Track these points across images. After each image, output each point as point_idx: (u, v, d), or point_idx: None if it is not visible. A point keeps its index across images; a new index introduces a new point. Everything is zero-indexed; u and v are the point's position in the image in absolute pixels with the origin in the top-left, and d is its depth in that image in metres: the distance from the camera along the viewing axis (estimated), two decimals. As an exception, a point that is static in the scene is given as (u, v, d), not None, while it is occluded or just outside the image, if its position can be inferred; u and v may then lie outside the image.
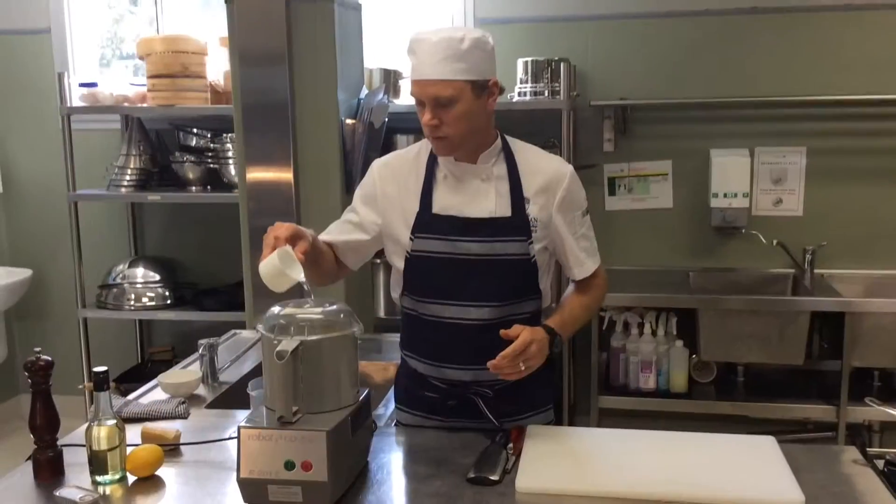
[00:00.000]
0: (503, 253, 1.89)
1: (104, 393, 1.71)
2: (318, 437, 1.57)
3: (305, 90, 3.12)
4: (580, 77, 3.82)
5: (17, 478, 1.76)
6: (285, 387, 1.59)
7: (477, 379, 1.95)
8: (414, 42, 1.83)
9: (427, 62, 1.80)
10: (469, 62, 1.80)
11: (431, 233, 1.92)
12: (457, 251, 1.90)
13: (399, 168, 2.00)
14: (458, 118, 1.82)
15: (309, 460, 1.56)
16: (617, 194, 3.90)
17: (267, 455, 1.58)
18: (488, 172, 1.92)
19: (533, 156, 1.98)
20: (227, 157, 3.81)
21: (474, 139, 1.89)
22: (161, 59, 3.73)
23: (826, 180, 3.76)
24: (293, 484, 1.57)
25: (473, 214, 1.90)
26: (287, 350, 1.58)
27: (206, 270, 4.22)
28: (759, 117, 3.78)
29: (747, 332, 3.36)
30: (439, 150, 1.90)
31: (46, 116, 4.24)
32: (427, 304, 1.95)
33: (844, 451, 1.87)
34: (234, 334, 2.97)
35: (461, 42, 1.78)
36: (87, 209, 4.12)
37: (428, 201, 1.93)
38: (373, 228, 2.00)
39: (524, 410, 2.01)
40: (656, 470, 1.72)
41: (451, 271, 1.90)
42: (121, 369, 4.09)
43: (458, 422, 1.99)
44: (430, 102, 1.81)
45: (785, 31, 3.70)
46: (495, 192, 1.91)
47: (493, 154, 1.94)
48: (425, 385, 2.02)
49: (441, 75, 1.79)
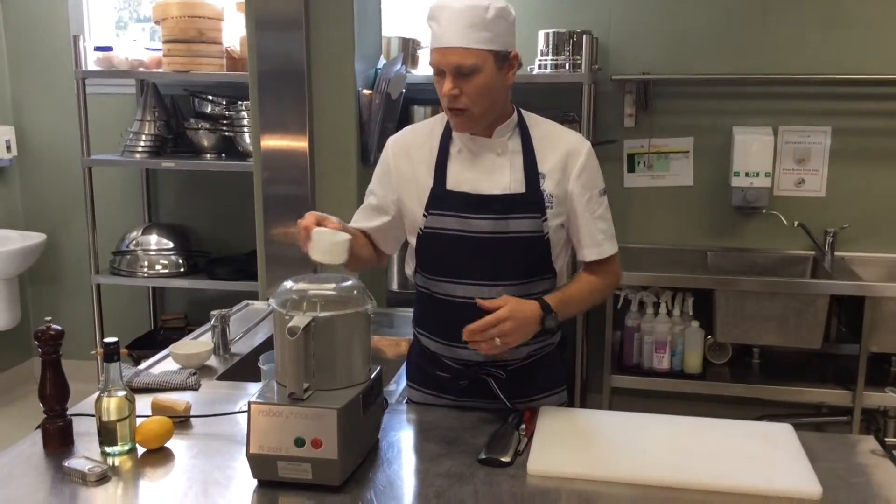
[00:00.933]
0: (517, 230, 1.85)
1: (115, 364, 1.70)
2: (328, 414, 1.55)
3: (322, 58, 3.08)
4: (602, 50, 3.74)
5: (26, 447, 1.75)
6: (297, 363, 1.57)
7: (489, 359, 1.92)
8: (436, 9, 1.77)
9: (450, 29, 1.74)
10: (493, 31, 1.75)
11: (445, 210, 1.88)
12: (470, 229, 1.86)
13: (413, 143, 1.96)
14: (479, 89, 1.77)
15: (319, 438, 1.54)
16: (636, 171, 3.84)
17: (277, 431, 1.56)
18: (503, 146, 1.88)
19: (550, 130, 1.92)
20: (242, 125, 3.78)
21: (493, 113, 1.84)
22: (177, 24, 3.69)
23: (850, 161, 3.69)
24: (303, 461, 1.55)
25: (487, 191, 1.86)
26: (299, 326, 1.55)
27: (220, 239, 4.21)
28: (784, 95, 3.70)
29: (764, 314, 3.32)
30: (457, 125, 1.85)
31: (61, 80, 4.21)
32: (440, 282, 1.91)
33: (862, 441, 1.84)
34: (247, 305, 2.96)
35: (486, 11, 1.73)
36: (102, 174, 4.11)
37: (442, 177, 1.89)
38: (392, 208, 1.97)
39: (536, 392, 1.99)
40: (670, 456, 1.70)
41: (464, 249, 1.86)
42: (133, 336, 4.10)
43: (469, 402, 1.97)
44: (452, 71, 1.76)
45: (813, 7, 3.61)
46: (510, 166, 1.87)
47: (509, 128, 1.89)
48: (437, 364, 1.99)
49: (465, 43, 1.74)
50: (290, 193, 3.12)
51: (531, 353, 1.96)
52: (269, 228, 3.18)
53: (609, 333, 3.50)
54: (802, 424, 3.21)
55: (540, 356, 1.99)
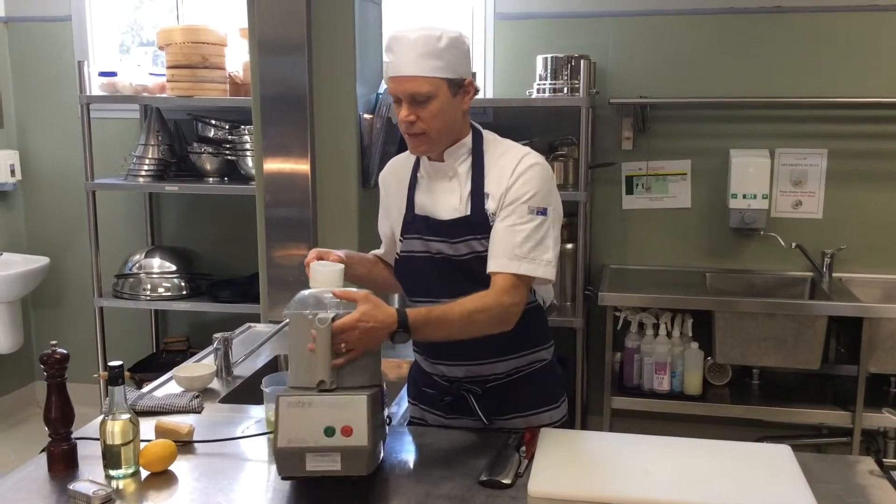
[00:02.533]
0: (468, 252, 1.88)
1: (119, 387, 1.71)
2: (359, 401, 1.60)
3: (324, 83, 3.12)
4: (600, 74, 3.79)
5: (31, 470, 1.77)
6: (325, 353, 1.61)
7: (469, 375, 1.98)
8: (392, 40, 1.83)
9: (405, 59, 1.80)
10: (445, 60, 1.80)
11: (414, 233, 1.95)
12: (431, 251, 1.92)
13: (396, 171, 2.06)
14: (434, 114, 1.82)
15: (349, 425, 1.58)
16: (634, 193, 3.88)
17: (306, 422, 1.59)
18: (454, 170, 1.92)
19: (504, 149, 1.92)
20: (245, 149, 3.81)
21: (449, 136, 1.89)
22: (181, 50, 3.73)
23: (847, 183, 3.72)
24: (333, 451, 1.58)
25: (442, 215, 1.92)
26: (328, 317, 1.61)
27: (222, 262, 4.23)
28: (781, 118, 3.74)
29: (763, 335, 3.34)
30: (415, 148, 1.90)
31: (66, 104, 4.26)
32: (415, 302, 1.97)
33: (860, 462, 1.85)
34: (249, 328, 2.97)
35: (438, 40, 1.79)
36: (105, 198, 4.14)
37: (412, 202, 1.97)
38: (392, 237, 2.06)
39: (526, 407, 2.00)
40: (670, 478, 1.71)
41: (431, 271, 1.92)
42: (135, 359, 4.11)
43: (455, 418, 2.02)
44: (408, 99, 1.82)
45: (808, 31, 3.66)
46: (460, 189, 1.91)
47: (460, 152, 1.92)
48: (427, 380, 2.07)
49: (419, 72, 1.79)
50: (291, 216, 3.15)
51: (517, 368, 1.99)
52: (271, 251, 3.20)
53: (609, 355, 3.52)
54: (802, 446, 3.22)
55: (529, 372, 2.00)
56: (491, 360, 1.96)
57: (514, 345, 1.96)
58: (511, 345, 1.95)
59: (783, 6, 3.66)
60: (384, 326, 1.66)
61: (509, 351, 1.96)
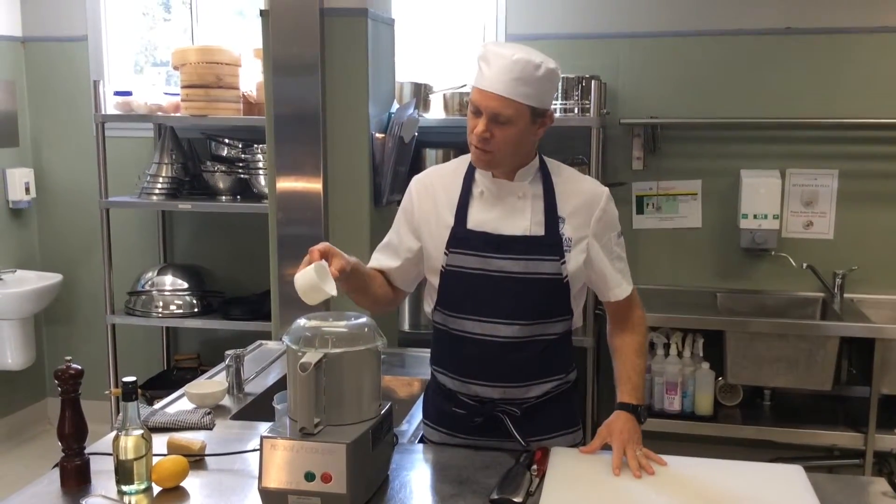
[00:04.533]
0: (535, 272, 1.89)
1: (132, 403, 1.72)
2: (338, 449, 1.59)
3: (337, 103, 3.15)
4: (610, 95, 3.81)
5: (44, 485, 1.78)
6: (308, 398, 1.61)
7: (504, 397, 1.95)
8: (490, 51, 1.83)
9: (498, 76, 1.79)
10: (537, 89, 1.81)
11: (466, 248, 1.92)
12: (490, 268, 1.90)
13: (436, 183, 2.01)
14: (510, 138, 1.83)
15: (329, 472, 1.58)
16: (645, 213, 3.88)
17: (288, 465, 1.60)
18: (525, 190, 1.93)
19: (570, 176, 1.98)
20: (258, 168, 3.84)
21: (516, 161, 1.90)
22: (195, 70, 3.77)
23: (857, 204, 3.72)
24: (313, 495, 1.59)
25: (507, 231, 1.90)
26: (310, 362, 1.60)
27: (234, 279, 4.25)
28: (791, 139, 3.75)
29: (775, 355, 3.33)
30: (479, 162, 1.90)
31: (81, 123, 4.31)
32: (458, 319, 1.95)
33: (873, 483, 1.84)
34: (260, 345, 2.99)
35: (537, 69, 1.79)
36: (119, 216, 4.17)
37: (463, 216, 1.94)
38: (414, 246, 2.01)
39: (551, 430, 2.00)
40: (681, 498, 1.71)
41: (484, 288, 1.91)
42: (147, 376, 4.13)
43: (483, 440, 1.99)
44: (489, 115, 1.81)
45: (819, 53, 3.68)
46: (531, 210, 1.92)
47: (531, 172, 1.94)
48: (454, 401, 2.01)
49: (509, 94, 1.79)
50: (304, 234, 3.17)
51: (547, 392, 1.98)
52: (283, 269, 3.22)
53: (619, 375, 3.50)
54: (814, 467, 3.19)
55: (556, 394, 2.00)
56: (529, 382, 1.95)
57: (552, 367, 1.97)
58: (549, 367, 1.96)
59: (794, 27, 3.68)
60: (631, 423, 1.91)
61: (547, 373, 1.97)
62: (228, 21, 4.35)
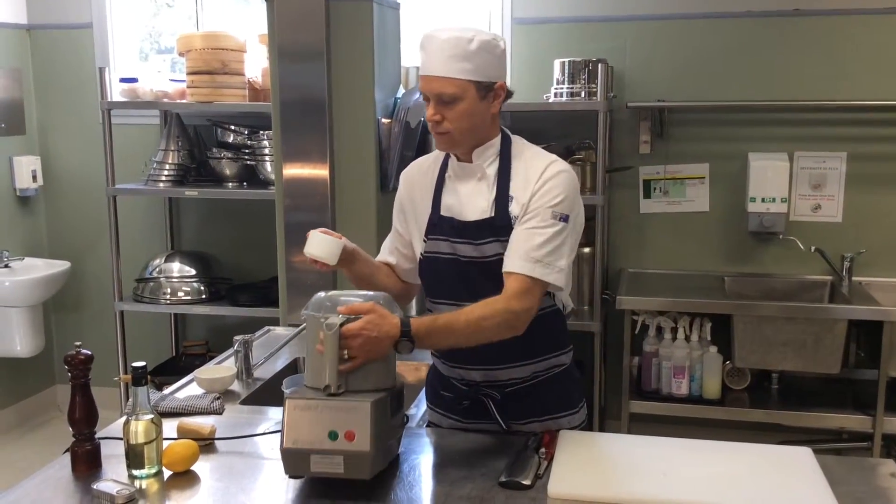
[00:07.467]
0: (492, 254, 1.88)
1: (142, 387, 1.73)
2: (362, 407, 1.62)
3: (343, 88, 3.14)
4: (617, 78, 3.79)
5: (55, 470, 1.79)
6: (332, 358, 1.63)
7: (486, 379, 1.98)
8: (425, 38, 1.85)
9: (434, 59, 1.82)
10: (475, 63, 1.81)
11: (438, 234, 1.95)
12: (456, 252, 1.92)
13: (418, 172, 2.06)
14: (460, 116, 1.83)
15: (353, 430, 1.60)
16: (652, 197, 3.87)
17: (311, 425, 1.62)
18: (483, 172, 1.92)
19: (531, 154, 1.93)
20: (264, 154, 3.84)
21: (475, 138, 1.90)
22: (201, 56, 3.77)
23: (866, 186, 3.70)
24: (336, 454, 1.61)
25: (468, 216, 1.92)
26: (336, 322, 1.63)
27: (241, 266, 4.26)
28: (799, 121, 3.73)
29: (783, 339, 3.32)
30: (440, 145, 1.93)
31: (87, 110, 4.30)
32: (438, 304, 1.98)
33: (881, 464, 1.84)
34: (268, 331, 2.99)
35: (469, 42, 1.80)
36: (126, 203, 4.18)
37: (437, 203, 1.97)
38: (406, 243, 2.06)
39: (546, 412, 2.00)
40: (690, 480, 1.71)
41: (455, 273, 1.93)
42: (155, 362, 4.14)
43: (473, 423, 2.01)
44: (434, 98, 1.84)
45: (827, 34, 3.65)
46: (488, 191, 1.92)
47: (491, 153, 1.92)
48: (445, 384, 2.06)
49: (446, 73, 1.81)
50: (310, 220, 3.16)
51: (535, 374, 1.98)
52: (290, 255, 3.22)
53: (627, 359, 3.50)
54: (823, 450, 3.20)
55: (548, 377, 2.00)
56: (509, 364, 1.96)
57: (534, 349, 1.96)
58: (530, 349, 1.95)
59: (802, 9, 3.65)
60: (387, 336, 1.67)
61: (528, 356, 1.96)
62: (233, 7, 4.34)
